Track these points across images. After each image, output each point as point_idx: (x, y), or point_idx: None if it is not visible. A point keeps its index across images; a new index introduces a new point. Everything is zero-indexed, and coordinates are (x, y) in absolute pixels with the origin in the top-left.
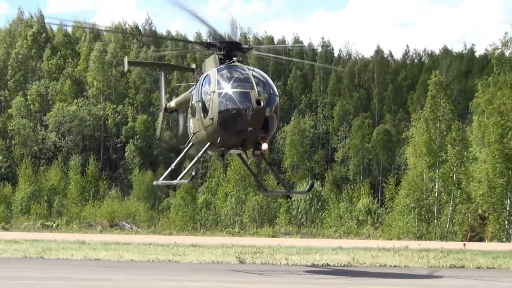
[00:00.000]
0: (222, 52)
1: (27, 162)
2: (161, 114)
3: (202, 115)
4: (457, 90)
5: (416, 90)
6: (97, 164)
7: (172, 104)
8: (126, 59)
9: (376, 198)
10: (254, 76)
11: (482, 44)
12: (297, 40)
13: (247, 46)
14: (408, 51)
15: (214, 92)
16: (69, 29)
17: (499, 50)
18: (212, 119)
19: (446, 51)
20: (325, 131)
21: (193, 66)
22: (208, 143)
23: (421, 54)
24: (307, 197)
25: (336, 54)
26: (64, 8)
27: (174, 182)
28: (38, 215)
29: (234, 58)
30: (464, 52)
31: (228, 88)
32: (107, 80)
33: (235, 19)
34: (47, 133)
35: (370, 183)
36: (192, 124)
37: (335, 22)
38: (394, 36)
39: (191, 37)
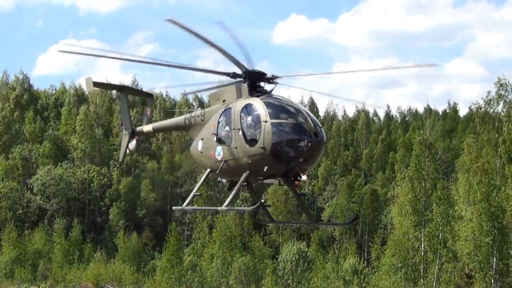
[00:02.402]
0: (246, 82)
1: (11, 226)
2: (125, 137)
3: (244, 143)
4: (441, 149)
5: (400, 150)
6: (82, 227)
7: (148, 128)
8: (91, 79)
9: (363, 258)
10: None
11: (466, 102)
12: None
13: (271, 75)
14: (390, 110)
15: (266, 121)
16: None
17: (483, 109)
18: (263, 148)
19: (429, 110)
20: (311, 191)
21: (151, 92)
22: (248, 172)
23: (405, 113)
24: (294, 258)
25: (321, 115)
26: (50, 70)
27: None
28: (23, 279)
29: (265, 88)
30: (447, 110)
31: (283, 119)
32: (91, 142)
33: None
34: (31, 196)
35: (356, 243)
36: (222, 151)
37: (320, 82)
38: (380, 95)
39: (177, 97)
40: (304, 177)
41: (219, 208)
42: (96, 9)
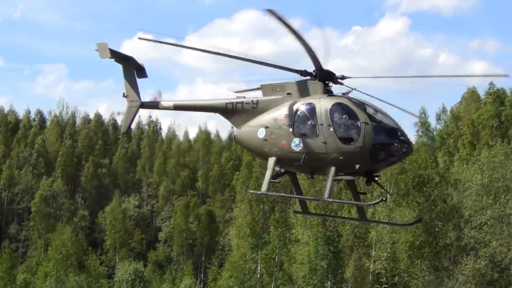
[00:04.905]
0: (319, 80)
1: None
2: (132, 109)
3: (336, 140)
4: None
5: (243, 171)
6: None
7: (166, 104)
8: (106, 45)
9: (199, 279)
10: None
11: None
12: None
13: (341, 75)
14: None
15: (367, 123)
16: None
17: None
18: (361, 147)
19: None
20: (150, 211)
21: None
22: (334, 167)
23: None
24: (130, 278)
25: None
26: None
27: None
28: None
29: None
30: None
31: (382, 122)
32: None
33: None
34: None
35: (193, 264)
36: (302, 143)
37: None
38: None
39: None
40: (376, 178)
41: (322, 198)
42: None
